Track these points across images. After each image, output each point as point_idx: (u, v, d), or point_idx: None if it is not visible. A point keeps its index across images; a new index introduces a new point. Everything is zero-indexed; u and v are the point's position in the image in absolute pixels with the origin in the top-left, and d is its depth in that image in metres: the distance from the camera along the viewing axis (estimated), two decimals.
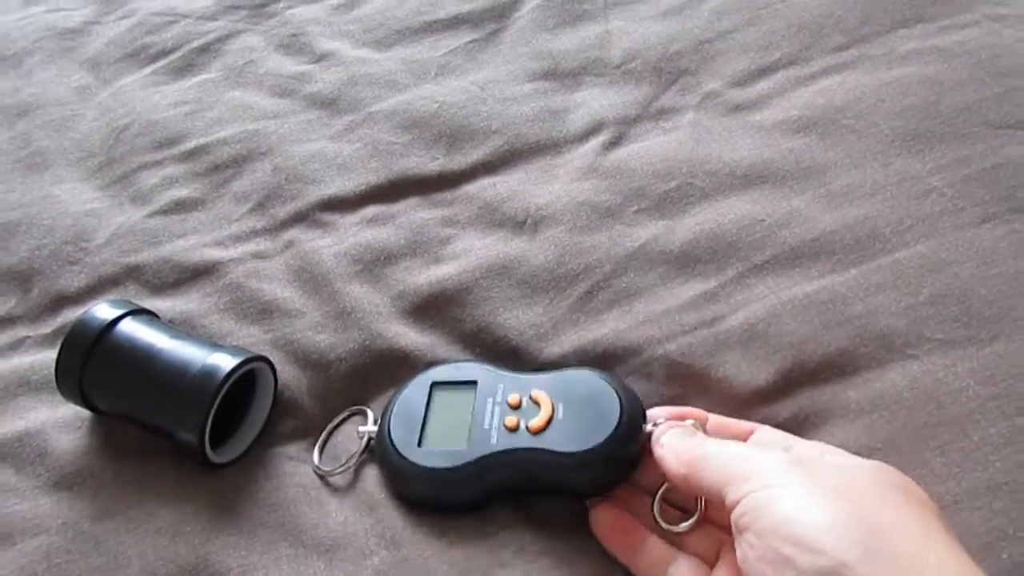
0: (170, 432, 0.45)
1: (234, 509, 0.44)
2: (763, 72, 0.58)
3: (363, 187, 0.58)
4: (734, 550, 0.32)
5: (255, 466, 0.46)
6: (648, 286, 0.49)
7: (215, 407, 0.43)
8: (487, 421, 0.42)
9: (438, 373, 0.45)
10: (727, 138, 0.55)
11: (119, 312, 0.47)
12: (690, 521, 0.38)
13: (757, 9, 0.62)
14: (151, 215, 0.60)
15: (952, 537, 0.30)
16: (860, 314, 0.44)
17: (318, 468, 0.45)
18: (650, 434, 0.39)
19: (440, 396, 0.44)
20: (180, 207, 0.60)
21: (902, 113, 0.52)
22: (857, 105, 0.54)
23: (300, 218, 0.57)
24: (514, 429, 0.41)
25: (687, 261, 0.49)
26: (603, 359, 0.45)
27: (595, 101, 0.60)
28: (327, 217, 0.57)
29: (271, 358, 0.48)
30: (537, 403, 0.42)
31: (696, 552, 0.37)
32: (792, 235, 0.48)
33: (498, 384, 0.43)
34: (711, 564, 0.36)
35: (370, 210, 0.57)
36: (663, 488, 0.39)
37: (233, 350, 0.46)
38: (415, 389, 0.45)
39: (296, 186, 0.59)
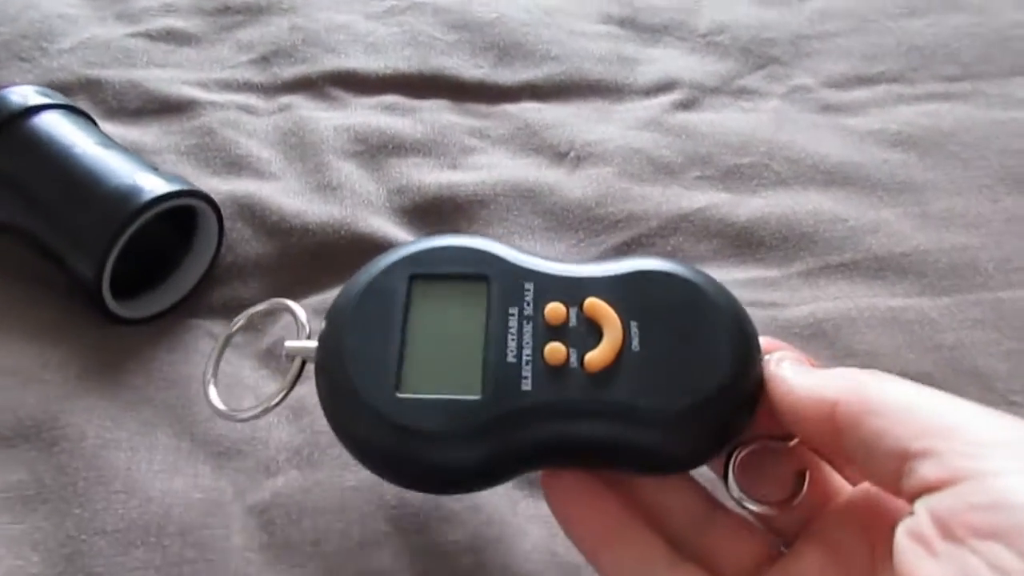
0: (62, 257, 0.35)
1: (116, 372, 0.34)
2: (863, 81, 0.52)
3: (388, 71, 0.49)
4: (819, 549, 0.22)
5: (163, 332, 0.36)
6: (698, 256, 0.40)
7: (126, 238, 0.33)
8: (512, 349, 0.25)
9: (420, 257, 0.27)
10: (813, 132, 0.47)
11: (44, 101, 0.37)
12: (795, 499, 0.25)
13: (865, 20, 0.56)
14: (134, 35, 0.50)
15: None
16: (953, 345, 0.36)
17: (213, 404, 0.28)
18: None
19: (427, 301, 0.26)
20: (171, 37, 0.51)
21: (1016, 154, 0.45)
22: (966, 135, 0.47)
23: (306, 85, 0.48)
24: (560, 366, 0.25)
25: (749, 241, 0.41)
26: None
27: (672, 61, 0.52)
28: (337, 92, 0.48)
29: (222, 210, 0.38)
30: (595, 320, 0.25)
31: (722, 555, 0.25)
32: (879, 244, 0.40)
33: (525, 283, 0.26)
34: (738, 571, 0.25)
35: (390, 98, 0.48)
36: (744, 450, 0.25)
37: (172, 177, 0.36)
38: (382, 284, 0.26)
39: (311, 50, 0.50)
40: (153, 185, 0.34)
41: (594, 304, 0.25)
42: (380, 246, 0.39)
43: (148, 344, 0.35)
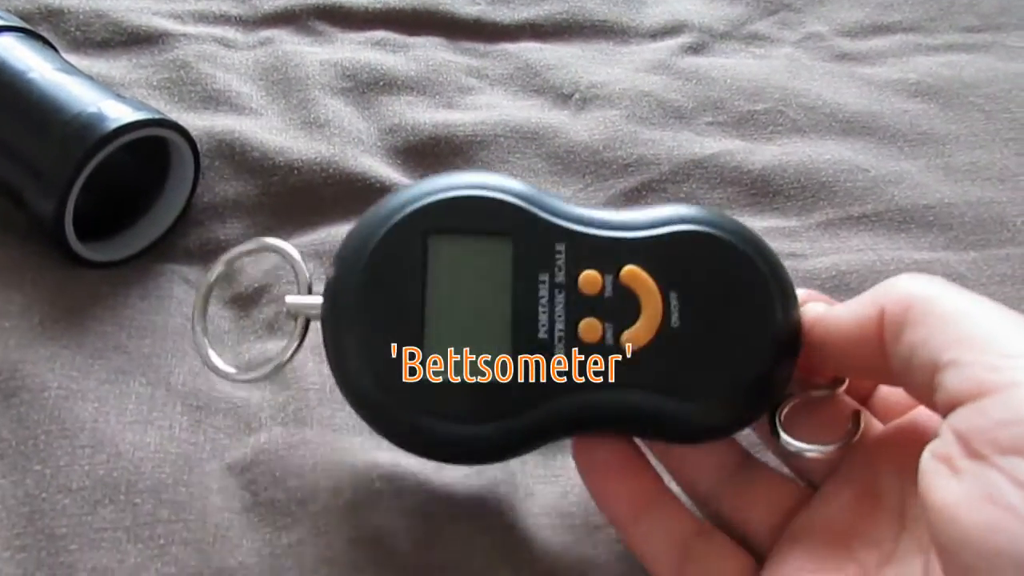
0: (19, 193, 0.31)
1: (82, 318, 0.30)
2: (879, 29, 0.49)
3: (378, 5, 0.46)
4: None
5: (134, 277, 0.33)
6: (713, 203, 0.38)
7: (89, 171, 0.30)
8: (544, 324, 0.23)
9: (434, 208, 0.24)
10: (829, 81, 0.45)
11: None
12: (853, 437, 0.23)
13: None
14: None
15: None
16: None
17: (213, 364, 0.26)
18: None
19: (445, 261, 0.23)
20: None
21: None
22: (989, 86, 0.45)
23: (288, 19, 0.45)
24: (596, 344, 0.23)
25: (766, 190, 0.38)
26: None
27: (679, 3, 0.49)
28: (323, 27, 0.45)
29: (199, 146, 0.35)
30: (633, 291, 0.23)
31: (756, 507, 0.24)
32: (902, 195, 0.38)
33: (556, 243, 0.23)
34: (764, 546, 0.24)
35: (380, 33, 0.45)
36: (788, 404, 0.24)
37: (140, 105, 0.33)
38: (396, 240, 0.24)
39: None
40: (119, 113, 0.31)
41: (633, 273, 0.23)
42: (371, 186, 0.36)
43: (118, 289, 0.32)
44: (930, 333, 0.20)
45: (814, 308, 0.24)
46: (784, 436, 0.23)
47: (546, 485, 0.28)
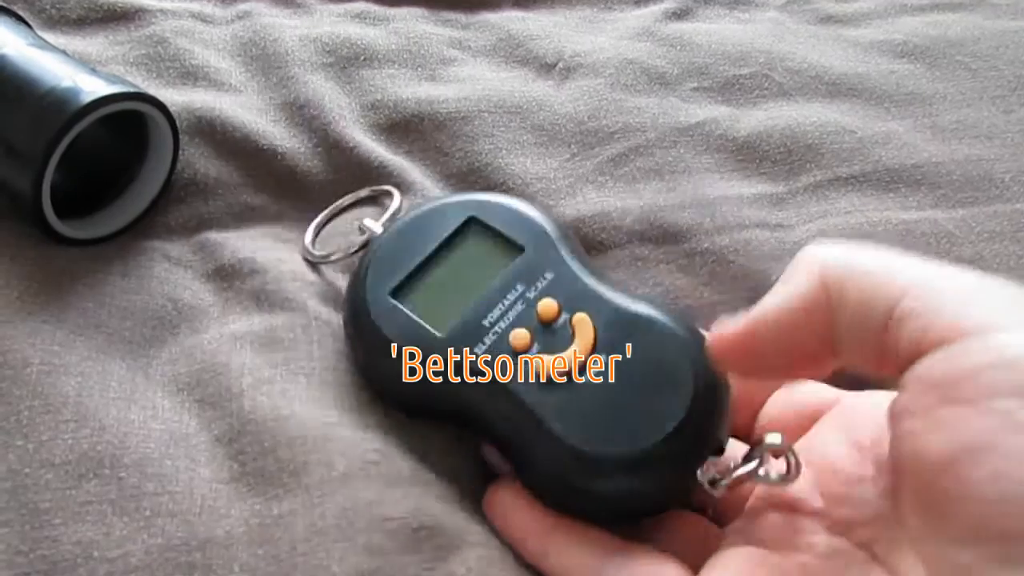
0: None
1: (63, 293, 0.30)
2: None
3: None
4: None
5: (115, 254, 0.33)
6: (700, 169, 0.37)
7: (64, 145, 0.30)
8: (493, 316, 0.26)
9: (486, 208, 0.29)
10: (814, 44, 0.45)
11: None
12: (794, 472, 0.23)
13: None
14: None
15: None
16: (971, 258, 0.34)
17: (309, 250, 0.33)
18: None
19: (466, 240, 0.29)
20: None
21: None
22: (975, 45, 0.44)
23: None
24: (518, 350, 0.26)
25: (752, 155, 0.38)
26: (632, 231, 0.34)
27: None
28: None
29: (178, 123, 0.34)
30: (574, 332, 0.25)
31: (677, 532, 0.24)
32: (889, 155, 0.38)
33: (547, 271, 0.27)
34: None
35: (359, 5, 0.44)
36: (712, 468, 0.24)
37: (116, 79, 0.32)
38: (442, 213, 0.29)
39: None
40: (94, 87, 0.30)
41: (583, 319, 0.26)
42: (354, 163, 0.36)
43: (99, 266, 0.32)
44: (878, 283, 0.19)
45: (728, 324, 0.23)
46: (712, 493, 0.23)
47: None
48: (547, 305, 0.26)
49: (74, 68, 0.32)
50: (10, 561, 0.23)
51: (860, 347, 0.20)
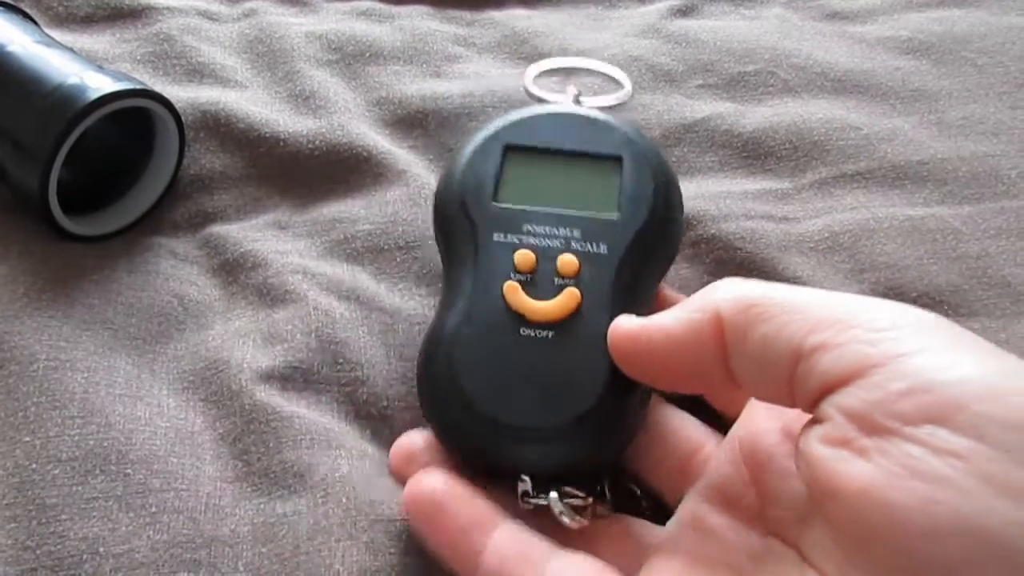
0: (2, 166, 0.31)
1: (69, 290, 0.30)
2: None
3: None
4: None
5: (122, 250, 0.33)
6: (704, 167, 0.37)
7: (71, 142, 0.30)
8: (541, 227, 0.26)
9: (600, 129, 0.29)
10: (820, 41, 0.44)
11: None
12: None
13: None
14: None
15: None
16: (978, 254, 0.33)
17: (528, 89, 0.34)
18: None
19: (597, 166, 0.28)
20: None
21: None
22: (981, 41, 0.44)
23: None
24: (518, 272, 0.26)
25: (757, 152, 0.38)
26: None
27: None
28: None
29: (184, 119, 0.34)
30: (565, 280, 0.26)
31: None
32: (895, 152, 0.38)
33: (602, 244, 0.26)
34: None
35: (365, 3, 0.44)
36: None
37: (122, 75, 0.32)
38: (550, 116, 0.29)
39: None
40: (100, 83, 0.31)
41: (567, 261, 0.26)
42: (360, 157, 0.36)
43: (105, 262, 0.32)
44: (782, 324, 0.19)
45: (629, 321, 0.23)
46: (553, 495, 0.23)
47: None
48: (567, 262, 0.26)
49: (81, 65, 0.32)
50: (17, 556, 0.23)
51: (769, 384, 0.20)
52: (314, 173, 0.35)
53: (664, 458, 0.25)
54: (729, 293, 0.21)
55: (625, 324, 0.23)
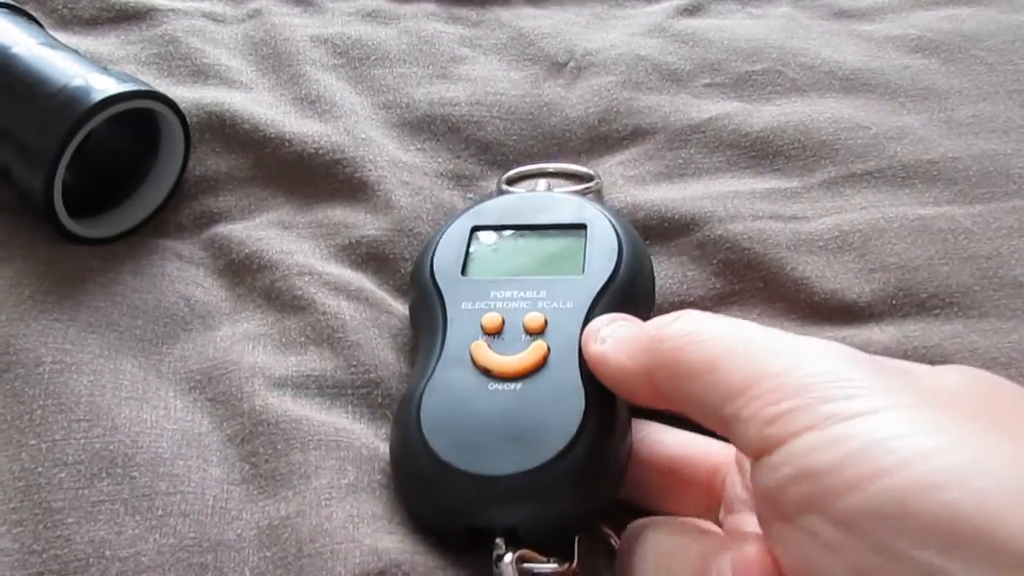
0: (7, 168, 0.31)
1: (75, 292, 0.30)
2: None
3: None
4: None
5: (127, 252, 0.33)
6: (712, 168, 0.37)
7: (76, 143, 0.30)
8: (506, 292, 0.27)
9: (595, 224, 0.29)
10: (827, 39, 0.44)
11: None
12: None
13: None
14: None
15: None
16: (989, 254, 0.33)
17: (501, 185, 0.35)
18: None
19: (562, 235, 0.29)
20: None
21: None
22: (991, 39, 0.44)
23: None
24: (492, 333, 0.26)
25: (765, 151, 0.38)
26: (642, 227, 0.33)
27: None
28: None
29: (188, 120, 0.34)
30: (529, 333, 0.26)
31: None
32: (904, 151, 0.37)
33: (570, 302, 0.26)
34: None
35: (370, 3, 0.44)
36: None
37: (127, 77, 0.32)
38: (518, 198, 0.31)
39: None
40: (105, 85, 0.30)
41: (533, 319, 0.26)
42: (366, 159, 0.35)
43: (110, 265, 0.32)
44: (702, 388, 0.19)
45: (595, 342, 0.23)
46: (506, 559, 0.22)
47: None
48: (533, 319, 0.26)
49: (85, 67, 0.32)
50: (23, 560, 0.23)
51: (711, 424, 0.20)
52: (319, 174, 0.35)
53: (686, 486, 0.25)
54: (653, 347, 0.21)
55: (593, 348, 0.24)
